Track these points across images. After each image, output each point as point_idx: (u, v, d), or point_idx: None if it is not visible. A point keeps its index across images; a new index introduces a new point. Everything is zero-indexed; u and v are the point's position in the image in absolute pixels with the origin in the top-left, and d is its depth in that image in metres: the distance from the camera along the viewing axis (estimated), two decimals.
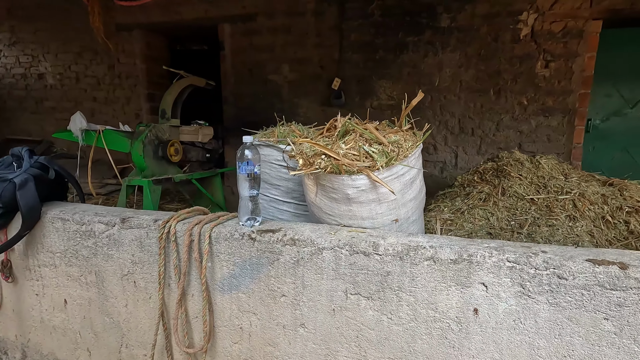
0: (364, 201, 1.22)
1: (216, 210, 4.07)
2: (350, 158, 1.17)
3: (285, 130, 1.73)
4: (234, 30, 4.46)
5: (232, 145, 4.70)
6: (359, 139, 1.25)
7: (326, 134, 1.34)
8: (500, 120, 3.78)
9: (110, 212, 1.51)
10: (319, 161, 1.19)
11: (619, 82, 3.66)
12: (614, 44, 3.56)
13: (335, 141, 1.26)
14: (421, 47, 3.88)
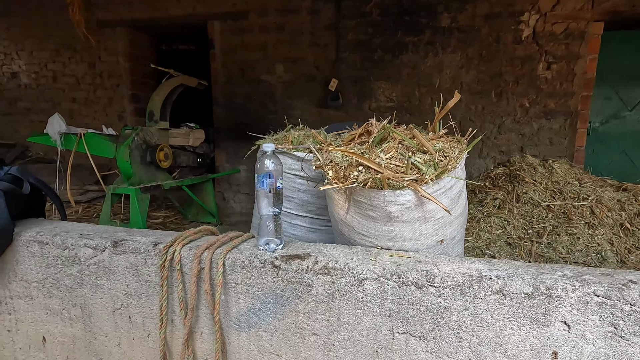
0: (407, 220, 1.03)
1: (207, 219, 3.83)
2: (393, 170, 0.98)
3: (301, 135, 1.51)
4: (224, 28, 4.20)
5: (223, 149, 4.44)
6: (399, 146, 1.05)
7: (358, 140, 1.14)
8: (502, 122, 3.67)
9: (98, 232, 1.27)
10: (356, 174, 0.99)
11: (618, 85, 3.61)
12: (613, 46, 3.51)
13: (371, 149, 1.06)
14: (421, 47, 3.74)
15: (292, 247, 1.09)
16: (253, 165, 4.37)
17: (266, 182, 1.02)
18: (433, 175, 0.96)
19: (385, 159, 1.01)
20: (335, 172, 1.04)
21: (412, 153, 1.04)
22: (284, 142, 1.50)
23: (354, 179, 0.98)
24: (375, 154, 1.02)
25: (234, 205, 4.52)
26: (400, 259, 0.98)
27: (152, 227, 3.56)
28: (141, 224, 2.69)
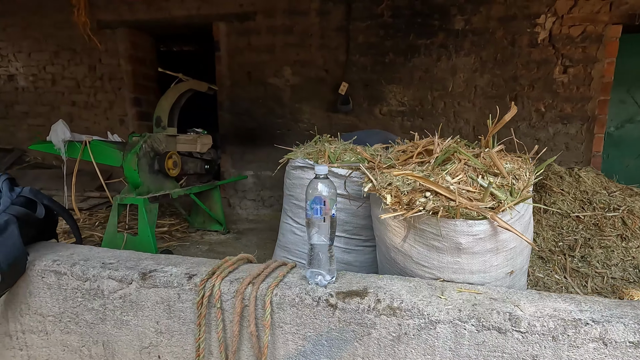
0: (478, 252, 0.92)
1: (214, 227, 3.68)
2: (465, 196, 0.87)
3: (338, 149, 1.39)
4: (230, 29, 4.07)
5: (229, 154, 4.30)
6: (466, 167, 0.94)
7: (417, 159, 1.02)
8: (517, 127, 3.58)
9: (122, 260, 1.13)
10: (422, 200, 0.88)
11: (633, 88, 3.54)
12: (629, 49, 3.43)
13: (434, 171, 0.95)
14: (433, 50, 3.63)
15: (344, 281, 0.97)
16: (259, 170, 4.25)
17: (320, 210, 0.90)
18: (512, 203, 0.85)
19: (454, 183, 0.89)
20: (396, 197, 0.92)
21: (480, 175, 0.92)
22: (319, 156, 1.38)
23: (421, 206, 0.87)
24: (441, 177, 0.91)
25: (240, 212, 4.38)
26: (472, 296, 0.86)
27: (158, 237, 3.42)
28: (150, 237, 2.55)
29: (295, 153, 1.47)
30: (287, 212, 1.55)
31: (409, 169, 0.96)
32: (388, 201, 0.93)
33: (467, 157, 0.96)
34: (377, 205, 1.08)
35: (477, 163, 0.95)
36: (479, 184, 0.88)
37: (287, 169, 1.49)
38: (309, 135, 4.04)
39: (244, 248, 3.25)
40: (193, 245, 3.26)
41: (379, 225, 1.10)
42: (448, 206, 0.84)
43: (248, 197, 4.34)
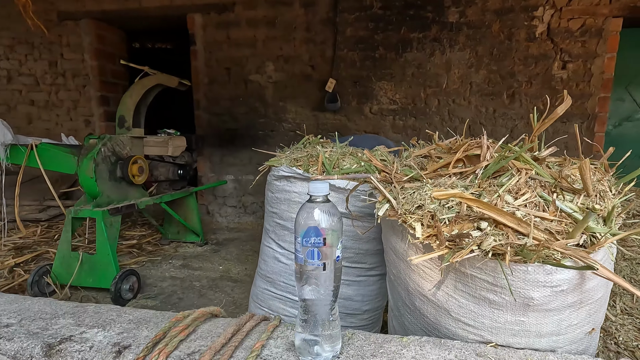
0: (554, 308, 0.60)
1: (190, 237, 3.26)
2: (543, 228, 0.55)
3: (334, 153, 1.05)
4: (206, 21, 3.68)
5: (207, 157, 3.91)
6: (529, 181, 0.62)
7: (453, 169, 0.70)
8: (514, 126, 3.33)
9: (27, 319, 0.76)
10: (476, 235, 0.55)
11: (632, 85, 3.35)
12: (629, 44, 3.23)
13: (483, 186, 0.63)
14: (427, 44, 3.35)
15: (353, 351, 0.64)
16: (240, 174, 3.88)
17: (317, 253, 0.57)
18: (616, 237, 0.54)
19: (520, 206, 0.57)
20: (430, 226, 0.60)
21: (552, 193, 0.61)
22: (310, 163, 1.04)
23: (474, 244, 0.54)
24: (499, 198, 0.59)
25: (220, 220, 3.99)
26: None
27: (125, 251, 3.00)
28: (110, 256, 2.15)
29: (279, 159, 1.12)
30: (269, 233, 1.20)
31: (447, 184, 0.64)
32: (418, 233, 0.61)
33: (530, 166, 0.64)
34: (395, 233, 0.75)
35: (545, 175, 0.64)
36: (558, 208, 0.57)
37: (269, 179, 1.15)
38: (295, 136, 3.70)
39: (222, 262, 2.87)
40: (165, 261, 2.87)
41: (396, 261, 0.77)
42: (522, 246, 0.52)
43: (228, 204, 3.95)
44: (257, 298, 1.26)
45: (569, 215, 0.57)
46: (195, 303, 2.23)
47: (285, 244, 1.13)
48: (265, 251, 1.22)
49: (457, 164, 0.71)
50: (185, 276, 2.60)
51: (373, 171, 0.88)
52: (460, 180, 0.67)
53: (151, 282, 2.50)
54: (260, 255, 1.29)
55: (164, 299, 2.26)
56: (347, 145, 1.24)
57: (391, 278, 0.82)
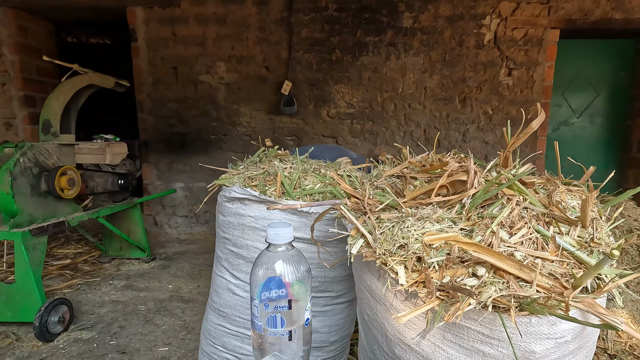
0: (555, 359, 0.52)
1: (135, 253, 2.94)
2: (547, 274, 0.46)
3: (294, 172, 0.92)
4: (149, 16, 3.37)
5: (153, 164, 3.58)
6: (523, 211, 0.54)
7: (436, 197, 0.60)
8: (466, 130, 3.42)
9: None
10: (473, 283, 0.46)
11: (567, 92, 3.59)
12: (565, 54, 3.46)
13: (472, 217, 0.53)
14: (382, 48, 3.33)
15: None
16: (191, 181, 3.60)
17: (279, 319, 0.43)
18: (621, 280, 0.47)
19: (516, 244, 0.49)
20: (419, 272, 0.49)
21: (547, 225, 0.53)
22: (267, 183, 0.90)
23: (472, 295, 0.45)
24: (494, 234, 0.50)
25: (169, 231, 3.69)
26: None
27: (55, 273, 2.63)
28: (33, 284, 1.83)
29: (230, 177, 0.96)
30: (221, 261, 1.04)
31: (433, 217, 0.54)
32: (402, 279, 0.50)
33: (520, 193, 0.56)
34: (370, 271, 0.64)
35: (536, 203, 0.56)
36: (559, 247, 0.49)
37: (220, 200, 0.99)
38: (249, 141, 3.51)
39: (172, 280, 2.62)
40: (105, 282, 2.55)
41: (371, 302, 0.66)
42: (531, 300, 0.43)
43: (179, 214, 3.66)
44: (210, 335, 1.09)
45: (571, 253, 0.50)
46: (140, 331, 1.98)
47: (241, 274, 0.98)
48: (218, 282, 1.05)
49: (439, 190, 0.61)
50: (128, 299, 2.33)
51: (341, 195, 0.76)
52: (445, 210, 0.58)
53: (87, 309, 2.19)
54: (211, 286, 1.12)
55: (103, 329, 1.99)
56: (308, 159, 1.11)
57: (365, 319, 0.71)
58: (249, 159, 1.12)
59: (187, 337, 1.94)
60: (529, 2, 3.18)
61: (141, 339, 1.92)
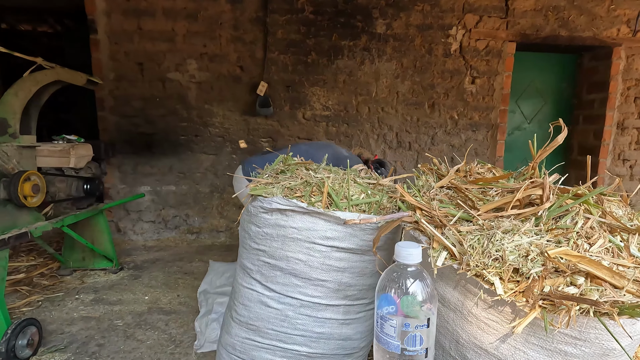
0: (628, 351, 0.59)
1: (100, 263, 2.71)
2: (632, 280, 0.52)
3: (341, 181, 0.91)
4: (111, 6, 3.11)
5: (115, 166, 3.32)
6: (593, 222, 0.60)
7: (511, 210, 0.64)
8: (435, 134, 3.61)
9: None
10: (573, 291, 0.50)
11: (520, 100, 3.94)
12: (518, 65, 3.79)
13: (551, 231, 0.58)
14: (357, 53, 3.40)
15: None
16: (159, 185, 3.39)
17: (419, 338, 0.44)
18: None
19: (596, 253, 0.54)
20: (515, 283, 0.52)
21: (608, 231, 0.60)
22: (312, 194, 0.88)
23: (575, 303, 0.49)
24: (580, 247, 0.55)
25: (134, 238, 3.44)
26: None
27: (8, 290, 2.34)
28: None
29: (264, 187, 0.93)
30: (251, 274, 1.01)
31: (521, 230, 0.58)
32: (500, 290, 0.53)
33: (587, 207, 0.62)
34: (444, 280, 0.66)
35: (595, 214, 0.63)
36: (632, 255, 0.55)
37: (253, 211, 0.95)
38: (222, 142, 3.39)
39: (147, 290, 2.45)
40: (70, 296, 2.32)
41: (441, 310, 0.69)
42: (633, 305, 0.49)
43: (145, 219, 3.43)
44: (235, 349, 1.05)
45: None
46: (122, 348, 1.84)
47: (277, 286, 0.96)
48: (247, 294, 1.02)
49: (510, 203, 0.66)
50: (101, 314, 2.14)
51: (401, 206, 0.78)
52: (521, 222, 0.62)
53: (55, 328, 1.99)
54: (234, 299, 1.08)
55: (78, 349, 1.81)
56: (330, 165, 1.11)
57: (443, 331, 0.74)
58: (269, 167, 1.10)
59: (176, 351, 1.84)
60: (490, 16, 3.43)
61: (125, 356, 1.79)
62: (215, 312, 1.76)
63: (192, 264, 2.93)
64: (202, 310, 2.02)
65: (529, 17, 3.43)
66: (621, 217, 0.67)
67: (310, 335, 0.98)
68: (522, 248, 0.56)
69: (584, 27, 3.46)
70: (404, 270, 0.47)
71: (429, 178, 0.88)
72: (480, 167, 0.90)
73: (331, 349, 1.00)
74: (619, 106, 3.62)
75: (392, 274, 0.47)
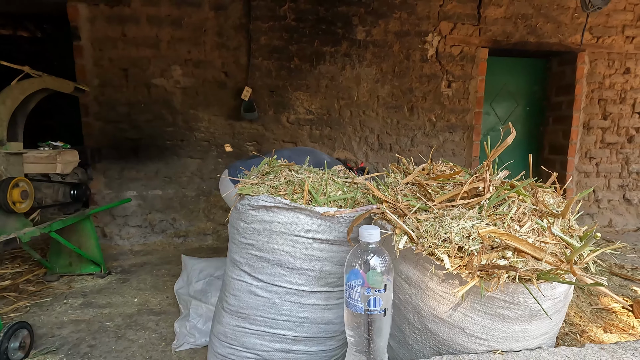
0: (552, 314, 0.73)
1: (88, 268, 2.76)
2: (550, 253, 0.66)
3: (321, 180, 1.03)
4: (94, 13, 3.16)
5: (100, 172, 3.35)
6: (526, 209, 0.74)
7: (460, 200, 0.77)
8: (414, 136, 3.78)
9: None
10: (503, 263, 0.63)
11: (494, 103, 4.16)
12: (491, 69, 4.01)
13: (491, 215, 0.71)
14: (338, 58, 3.54)
15: None
16: (145, 189, 3.44)
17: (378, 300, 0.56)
18: (596, 253, 0.68)
19: (525, 233, 0.68)
20: (460, 259, 0.65)
21: (540, 217, 0.73)
22: (294, 192, 1.00)
23: (504, 271, 0.62)
24: (511, 228, 0.68)
25: (120, 243, 3.48)
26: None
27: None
28: None
29: (251, 187, 1.05)
30: (240, 266, 1.11)
31: (465, 216, 0.71)
32: (448, 265, 0.66)
33: (521, 197, 0.76)
34: (407, 261, 0.79)
35: (528, 203, 0.77)
36: (553, 234, 0.69)
37: (241, 209, 1.06)
38: (208, 146, 3.47)
39: (137, 293, 2.51)
40: (58, 301, 2.37)
41: (406, 287, 0.81)
42: (547, 271, 0.62)
43: (131, 224, 3.47)
44: (226, 337, 1.15)
45: (561, 238, 0.70)
46: (114, 348, 1.90)
47: (264, 276, 1.07)
48: (236, 285, 1.12)
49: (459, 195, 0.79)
50: (91, 317, 2.20)
51: (367, 199, 0.90)
52: (467, 210, 0.75)
53: (45, 332, 2.03)
54: (225, 291, 1.18)
55: (70, 351, 1.87)
56: (311, 166, 1.23)
57: (396, 303, 0.86)
58: (255, 169, 1.21)
59: (168, 348, 1.91)
60: (463, 24, 3.63)
61: (117, 356, 1.86)
62: (192, 317, 1.87)
63: (180, 266, 2.99)
64: (183, 311, 2.10)
65: (500, 24, 3.65)
66: (551, 205, 0.81)
67: (296, 320, 1.09)
68: (465, 230, 0.69)
69: (550, 33, 3.70)
70: (366, 248, 0.59)
71: (397, 176, 1.01)
72: (443, 166, 1.03)
73: (315, 332, 1.11)
74: (585, 107, 3.88)
75: (357, 251, 0.59)
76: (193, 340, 1.81)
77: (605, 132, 3.96)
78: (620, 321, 1.98)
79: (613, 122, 3.95)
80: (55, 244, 2.64)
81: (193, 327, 1.86)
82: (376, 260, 0.57)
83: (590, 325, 1.90)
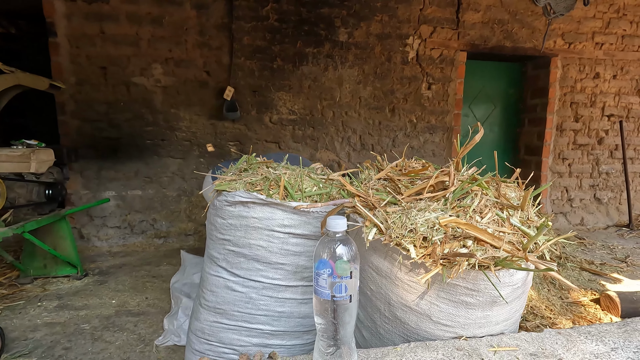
0: (510, 301, 0.77)
1: (64, 270, 2.70)
2: (509, 241, 0.70)
3: (297, 176, 1.05)
4: (71, 9, 3.10)
5: (77, 172, 3.28)
6: (488, 201, 0.78)
7: (427, 194, 0.80)
8: (395, 136, 3.85)
9: None
10: (463, 251, 0.67)
11: (473, 104, 4.28)
12: (470, 72, 4.12)
13: (455, 207, 0.75)
14: (321, 59, 3.58)
15: None
16: (124, 190, 3.39)
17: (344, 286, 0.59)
18: (551, 242, 0.73)
19: (485, 224, 0.72)
20: (425, 248, 0.69)
21: (500, 209, 0.78)
22: (270, 187, 1.02)
23: (465, 259, 0.66)
24: (473, 219, 0.72)
25: (98, 244, 3.41)
26: (509, 355, 0.71)
27: None
28: None
29: (228, 183, 1.06)
30: (217, 262, 1.12)
31: (430, 208, 0.75)
32: (413, 254, 0.69)
33: (484, 190, 0.80)
34: (377, 253, 0.82)
35: (492, 195, 0.81)
36: (512, 224, 0.73)
37: (218, 205, 1.07)
38: (189, 146, 3.44)
39: (115, 295, 2.47)
40: (32, 304, 2.30)
41: (376, 278, 0.84)
42: (503, 258, 0.66)
43: (109, 224, 3.41)
44: (204, 333, 1.16)
45: (519, 228, 0.75)
46: (90, 350, 1.87)
47: (241, 271, 1.08)
48: (213, 281, 1.13)
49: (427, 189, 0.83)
50: (66, 319, 2.15)
51: (343, 196, 0.93)
52: (433, 203, 0.79)
53: (17, 335, 1.98)
54: (202, 287, 1.19)
55: (44, 354, 1.83)
56: (289, 164, 1.25)
57: (367, 294, 0.89)
58: (233, 167, 1.22)
59: (146, 349, 1.89)
60: (442, 27, 3.72)
61: (93, 358, 1.83)
62: (180, 317, 1.86)
63: (160, 267, 2.96)
64: (173, 307, 2.09)
65: (478, 29, 3.76)
66: (512, 198, 0.86)
67: (273, 314, 1.11)
68: (430, 221, 0.73)
69: (525, 39, 3.83)
70: (334, 237, 0.61)
71: (370, 172, 1.04)
72: (415, 163, 1.07)
73: (292, 326, 1.13)
74: (558, 110, 4.03)
75: (325, 240, 0.61)
76: (178, 339, 1.81)
77: (577, 134, 4.12)
78: (589, 313, 2.08)
79: (584, 125, 4.12)
80: (29, 245, 2.57)
81: (179, 326, 1.85)
82: (342, 249, 0.60)
83: (560, 317, 1.98)
